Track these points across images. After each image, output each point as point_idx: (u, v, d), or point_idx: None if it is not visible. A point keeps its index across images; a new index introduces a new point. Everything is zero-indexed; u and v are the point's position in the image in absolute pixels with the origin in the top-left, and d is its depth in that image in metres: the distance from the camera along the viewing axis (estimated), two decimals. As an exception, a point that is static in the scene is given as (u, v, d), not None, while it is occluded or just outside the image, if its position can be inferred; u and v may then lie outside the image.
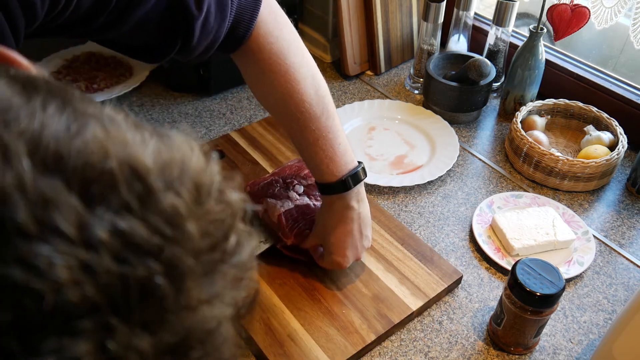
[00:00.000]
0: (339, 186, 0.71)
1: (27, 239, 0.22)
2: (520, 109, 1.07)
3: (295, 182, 0.81)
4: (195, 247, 0.26)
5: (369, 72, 1.29)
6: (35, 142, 0.23)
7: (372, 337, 0.72)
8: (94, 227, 0.23)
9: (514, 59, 1.10)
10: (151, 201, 0.25)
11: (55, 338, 0.22)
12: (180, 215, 0.25)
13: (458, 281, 0.82)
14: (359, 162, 0.73)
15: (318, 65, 1.36)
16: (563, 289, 0.67)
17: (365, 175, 0.74)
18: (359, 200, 0.73)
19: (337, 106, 1.17)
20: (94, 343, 0.22)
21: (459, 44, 1.21)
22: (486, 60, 1.06)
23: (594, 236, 0.91)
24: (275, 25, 0.69)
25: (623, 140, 0.99)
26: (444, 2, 1.12)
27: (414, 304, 0.76)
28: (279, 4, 0.73)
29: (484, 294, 0.82)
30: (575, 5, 1.04)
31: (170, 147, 0.27)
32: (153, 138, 0.27)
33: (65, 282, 0.22)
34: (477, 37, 1.27)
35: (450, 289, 0.81)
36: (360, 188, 0.73)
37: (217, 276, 0.27)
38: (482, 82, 1.08)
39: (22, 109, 0.25)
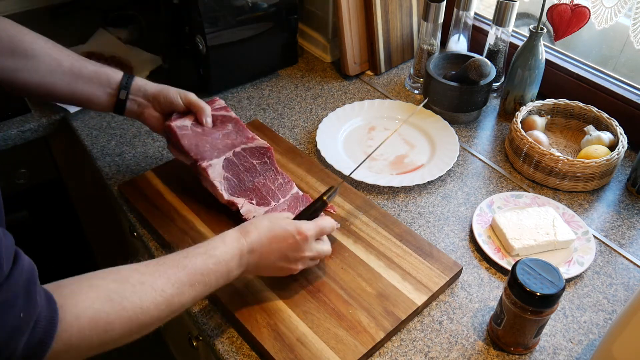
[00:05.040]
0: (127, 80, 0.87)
1: None
2: (520, 109, 1.07)
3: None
4: None
5: (369, 72, 1.29)
6: None
7: (382, 335, 0.72)
8: None
9: (514, 59, 1.10)
10: None
11: None
12: None
13: (458, 274, 0.82)
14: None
15: (318, 65, 1.37)
16: (563, 289, 0.67)
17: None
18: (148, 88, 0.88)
19: (337, 106, 1.17)
20: None
21: (459, 44, 1.21)
22: (486, 60, 1.06)
23: (594, 236, 0.91)
24: None
25: (623, 140, 0.99)
26: (444, 2, 1.12)
27: (419, 298, 0.77)
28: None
29: (484, 294, 0.82)
30: (575, 5, 1.04)
31: None
32: None
33: None
34: (477, 37, 1.27)
35: (451, 282, 0.81)
36: (139, 81, 0.88)
37: None
38: (482, 82, 1.08)
39: None
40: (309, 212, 0.77)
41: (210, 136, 0.88)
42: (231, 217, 0.86)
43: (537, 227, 0.87)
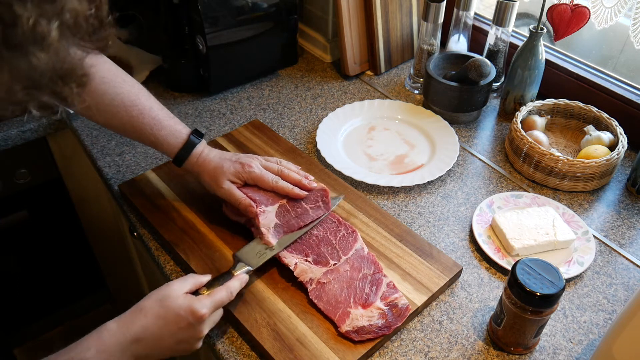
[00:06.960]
0: (185, 150, 0.83)
1: None
2: (520, 109, 1.07)
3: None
4: None
5: (369, 72, 1.29)
6: None
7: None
8: None
9: (514, 59, 1.10)
10: None
11: None
12: None
13: (458, 274, 0.82)
14: (194, 132, 0.85)
15: (318, 65, 1.36)
16: (563, 289, 0.67)
17: (201, 135, 0.86)
18: (209, 149, 0.85)
19: (337, 106, 1.17)
20: None
21: (459, 44, 1.21)
22: (486, 60, 1.06)
23: (594, 236, 0.91)
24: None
25: (623, 140, 0.99)
26: (444, 2, 1.12)
27: (419, 299, 0.77)
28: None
29: (484, 294, 0.82)
30: (575, 5, 1.04)
31: None
32: None
33: None
34: (477, 37, 1.27)
35: (451, 282, 0.81)
36: (203, 146, 0.85)
37: None
38: (482, 82, 1.08)
39: None
40: (216, 285, 0.71)
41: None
42: (233, 221, 0.86)
43: (537, 227, 0.87)
